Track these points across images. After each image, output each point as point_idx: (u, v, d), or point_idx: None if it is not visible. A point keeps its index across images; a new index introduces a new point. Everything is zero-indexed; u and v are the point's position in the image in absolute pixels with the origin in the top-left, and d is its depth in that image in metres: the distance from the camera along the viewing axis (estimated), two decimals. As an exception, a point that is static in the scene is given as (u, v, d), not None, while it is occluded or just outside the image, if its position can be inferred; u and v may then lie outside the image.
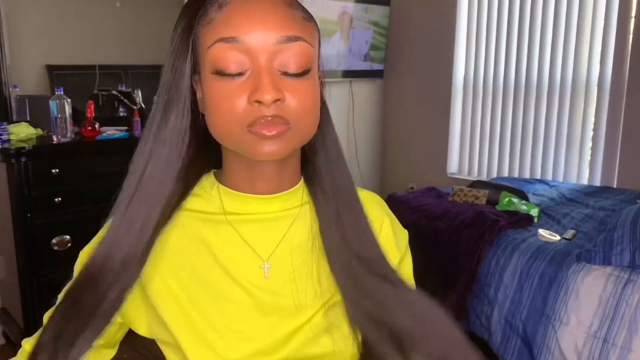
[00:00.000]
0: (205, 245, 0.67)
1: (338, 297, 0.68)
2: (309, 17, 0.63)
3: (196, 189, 0.70)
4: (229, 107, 0.59)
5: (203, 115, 0.64)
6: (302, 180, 0.72)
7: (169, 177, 0.64)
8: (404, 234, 0.78)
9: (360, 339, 0.67)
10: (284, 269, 0.68)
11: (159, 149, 0.63)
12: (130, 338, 0.78)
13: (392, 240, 0.75)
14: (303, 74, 0.60)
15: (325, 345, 0.67)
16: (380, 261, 0.68)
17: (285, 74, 0.59)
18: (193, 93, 0.64)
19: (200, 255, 0.67)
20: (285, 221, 0.70)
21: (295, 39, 0.59)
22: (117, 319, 0.67)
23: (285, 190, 0.69)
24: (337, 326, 0.67)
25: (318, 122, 0.64)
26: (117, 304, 0.63)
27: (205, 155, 0.69)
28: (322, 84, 0.68)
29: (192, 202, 0.69)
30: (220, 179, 0.70)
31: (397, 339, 0.64)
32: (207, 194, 0.69)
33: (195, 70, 0.63)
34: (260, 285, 0.67)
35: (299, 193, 0.71)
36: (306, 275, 0.69)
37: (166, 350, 0.69)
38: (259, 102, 0.58)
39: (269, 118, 0.58)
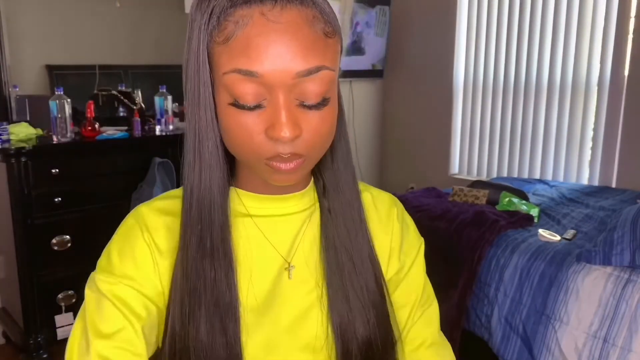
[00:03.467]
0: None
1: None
2: (331, 31, 0.58)
3: None
4: (246, 140, 0.58)
5: None
6: (312, 180, 0.73)
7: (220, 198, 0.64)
8: (417, 241, 0.79)
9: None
10: (303, 271, 0.70)
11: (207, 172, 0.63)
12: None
13: (398, 246, 0.76)
14: (323, 103, 0.57)
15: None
16: (366, 267, 0.70)
17: (303, 104, 0.57)
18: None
19: None
20: (300, 221, 0.71)
21: (317, 70, 0.55)
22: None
23: (299, 191, 0.70)
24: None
25: (332, 139, 0.63)
26: None
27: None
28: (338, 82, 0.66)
29: None
30: (234, 181, 0.70)
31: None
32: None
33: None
34: (283, 285, 0.69)
35: (312, 193, 0.72)
36: (315, 277, 0.70)
37: None
38: (276, 139, 0.56)
39: (286, 156, 0.57)
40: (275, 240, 0.69)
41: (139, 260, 0.65)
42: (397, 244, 0.76)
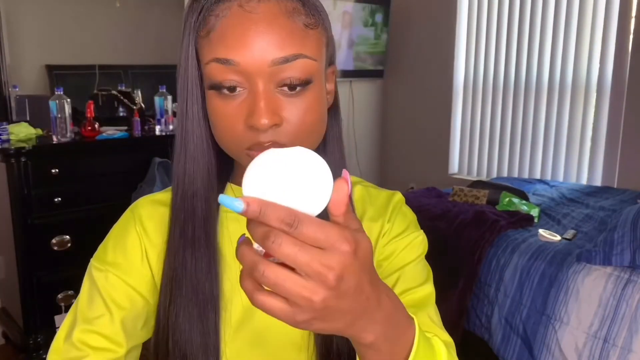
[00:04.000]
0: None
1: None
2: (313, 22, 0.59)
3: None
4: (227, 128, 0.59)
5: None
6: None
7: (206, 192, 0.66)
8: (414, 231, 0.77)
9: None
10: None
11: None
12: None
13: (388, 231, 0.75)
14: (303, 86, 0.58)
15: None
16: None
17: (283, 90, 0.57)
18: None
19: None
20: None
21: (294, 57, 0.56)
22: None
23: None
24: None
25: (323, 131, 0.63)
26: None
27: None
28: (335, 81, 0.68)
29: None
30: (231, 177, 0.72)
31: None
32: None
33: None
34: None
35: None
36: None
37: None
38: (255, 127, 0.56)
39: (266, 144, 0.57)
40: None
41: (128, 251, 0.69)
42: (388, 228, 0.75)
